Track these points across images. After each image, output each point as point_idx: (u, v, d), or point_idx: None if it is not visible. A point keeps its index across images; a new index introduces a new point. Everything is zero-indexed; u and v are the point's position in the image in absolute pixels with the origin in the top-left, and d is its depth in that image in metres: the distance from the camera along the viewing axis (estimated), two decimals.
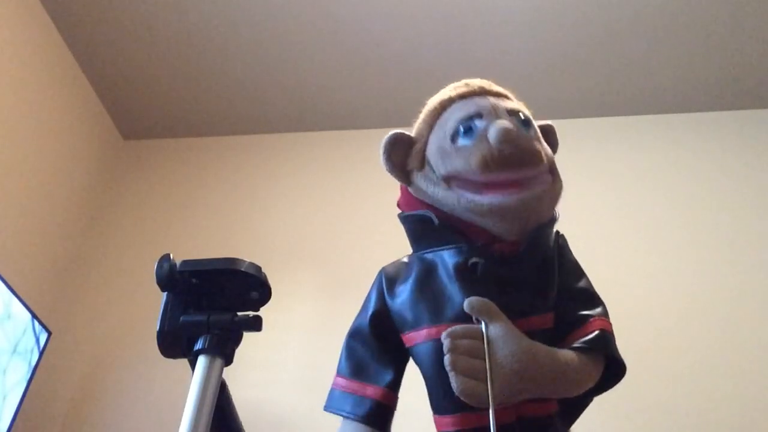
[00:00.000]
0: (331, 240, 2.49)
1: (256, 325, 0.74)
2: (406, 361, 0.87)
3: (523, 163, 0.79)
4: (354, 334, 0.90)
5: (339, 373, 0.88)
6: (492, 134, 0.78)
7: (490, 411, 0.67)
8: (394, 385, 0.85)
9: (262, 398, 2.08)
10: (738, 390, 2.00)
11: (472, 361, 0.69)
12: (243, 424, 0.79)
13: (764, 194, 2.42)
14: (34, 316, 2.13)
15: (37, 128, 2.45)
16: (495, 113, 0.83)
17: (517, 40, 2.47)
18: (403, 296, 0.85)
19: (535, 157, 0.80)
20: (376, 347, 0.87)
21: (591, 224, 2.43)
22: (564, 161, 3.01)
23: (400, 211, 0.92)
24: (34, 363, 2.10)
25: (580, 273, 0.88)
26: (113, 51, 2.63)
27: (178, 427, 0.68)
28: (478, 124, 0.82)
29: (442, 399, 0.78)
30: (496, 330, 0.72)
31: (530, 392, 0.72)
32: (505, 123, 0.79)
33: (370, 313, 0.89)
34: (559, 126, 0.96)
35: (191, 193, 2.79)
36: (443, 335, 0.71)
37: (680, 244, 2.33)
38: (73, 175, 2.64)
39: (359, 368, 0.86)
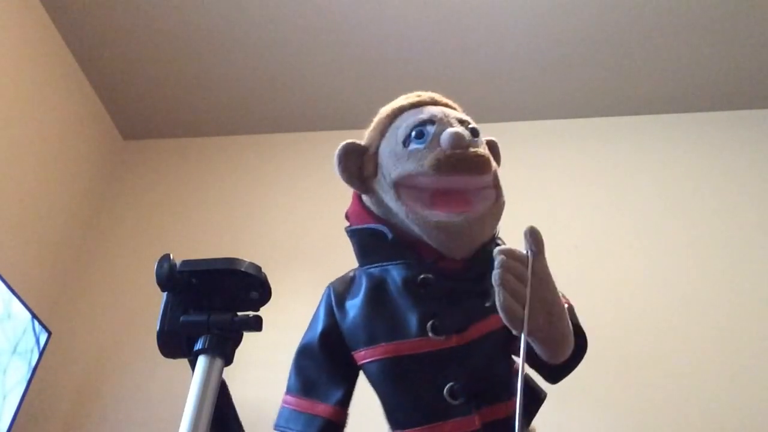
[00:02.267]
0: (331, 240, 2.48)
1: (256, 325, 0.74)
2: (356, 377, 0.87)
3: (473, 168, 0.81)
4: (303, 352, 0.90)
5: (288, 392, 0.88)
6: (445, 138, 0.81)
7: (523, 338, 0.66)
8: (345, 403, 0.85)
9: (262, 398, 2.07)
10: (738, 390, 2.00)
11: (519, 285, 0.68)
12: (243, 424, 0.79)
13: (764, 194, 2.41)
14: (34, 316, 2.13)
15: (37, 128, 2.45)
16: (446, 119, 0.85)
17: (517, 40, 2.47)
18: (353, 313, 0.85)
19: (485, 163, 0.82)
20: (326, 364, 0.86)
21: (591, 224, 2.43)
22: (564, 161, 3.00)
23: (348, 224, 0.92)
24: (34, 363, 2.10)
25: None
26: (113, 51, 2.63)
27: (178, 427, 0.68)
28: (430, 129, 0.84)
29: (403, 413, 0.79)
30: (541, 266, 0.71)
31: (542, 336, 0.72)
32: (457, 129, 0.82)
33: (319, 330, 0.88)
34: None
35: (191, 193, 2.78)
36: (496, 251, 0.70)
37: (680, 244, 2.33)
38: (73, 175, 2.64)
39: (309, 386, 0.86)
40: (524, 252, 0.71)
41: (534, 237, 0.71)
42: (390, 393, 0.81)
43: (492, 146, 0.94)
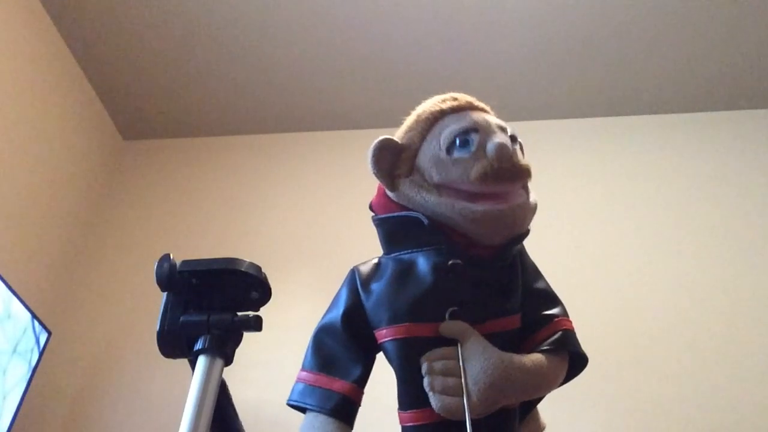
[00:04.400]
0: (330, 240, 2.49)
1: (256, 325, 0.75)
2: (374, 358, 0.89)
3: (515, 179, 0.84)
4: (324, 330, 0.91)
5: (305, 368, 0.89)
6: (491, 150, 0.83)
7: (467, 423, 0.71)
8: (362, 382, 0.86)
9: (262, 398, 2.08)
10: (738, 390, 2.00)
11: (448, 380, 0.75)
12: (243, 424, 0.79)
13: (763, 194, 2.42)
14: (34, 316, 2.13)
15: (38, 128, 2.45)
16: (489, 128, 0.87)
17: (517, 40, 2.47)
18: (378, 293, 0.87)
19: (526, 173, 0.86)
20: (347, 343, 0.87)
21: (590, 224, 2.43)
22: (564, 161, 3.00)
23: (373, 214, 0.94)
24: (34, 363, 2.10)
25: (539, 275, 0.92)
26: (113, 51, 2.63)
27: (178, 427, 0.68)
28: (474, 137, 0.86)
29: (408, 394, 0.81)
30: (469, 348, 0.76)
31: (507, 400, 0.77)
32: (503, 140, 0.85)
33: (342, 309, 0.90)
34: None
35: (191, 193, 2.79)
36: (422, 359, 0.77)
37: (680, 244, 2.33)
38: (73, 175, 2.64)
39: (328, 363, 0.87)
40: (452, 346, 0.78)
41: (452, 330, 0.78)
42: (402, 373, 0.82)
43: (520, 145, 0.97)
